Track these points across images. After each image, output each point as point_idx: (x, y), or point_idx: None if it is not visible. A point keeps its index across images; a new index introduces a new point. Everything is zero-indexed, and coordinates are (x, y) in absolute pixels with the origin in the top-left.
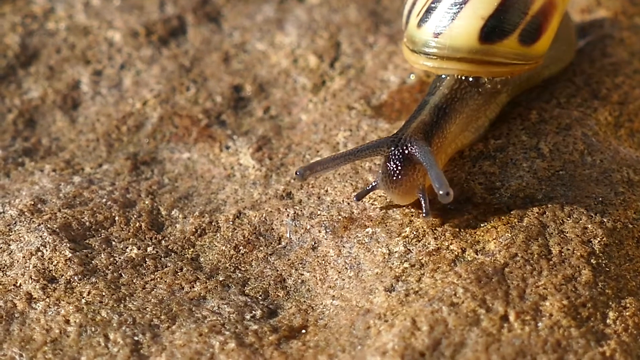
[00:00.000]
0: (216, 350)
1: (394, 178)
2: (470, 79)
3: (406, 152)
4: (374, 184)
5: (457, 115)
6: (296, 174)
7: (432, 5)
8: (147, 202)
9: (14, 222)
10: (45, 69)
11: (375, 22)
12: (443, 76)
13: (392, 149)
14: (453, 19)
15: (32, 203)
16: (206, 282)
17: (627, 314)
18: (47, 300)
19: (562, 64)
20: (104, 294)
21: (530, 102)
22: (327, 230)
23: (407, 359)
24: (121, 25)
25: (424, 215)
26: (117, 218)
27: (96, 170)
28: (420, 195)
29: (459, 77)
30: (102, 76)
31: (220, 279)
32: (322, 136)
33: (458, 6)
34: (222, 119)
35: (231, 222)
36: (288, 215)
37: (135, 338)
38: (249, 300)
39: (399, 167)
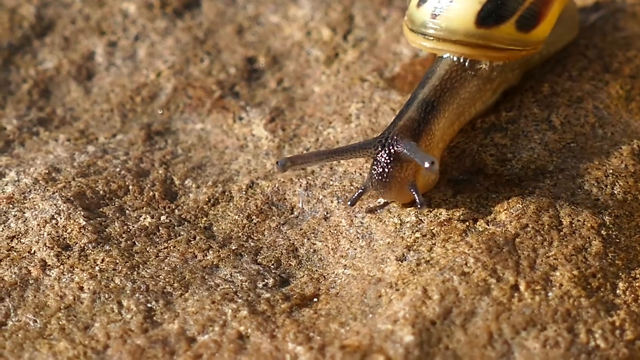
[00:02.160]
0: (229, 317)
1: (384, 180)
2: (467, 63)
3: (392, 152)
4: (364, 187)
5: (447, 108)
6: (277, 163)
7: None
8: (160, 172)
9: (28, 190)
10: (60, 40)
11: None
12: (435, 64)
13: (379, 149)
14: (451, 1)
15: (47, 172)
16: (219, 251)
17: (637, 284)
18: (61, 267)
19: (556, 47)
20: (117, 261)
21: (542, 75)
22: (339, 200)
23: (418, 327)
24: None
25: (418, 207)
26: (130, 187)
27: (110, 140)
28: (412, 189)
29: (452, 64)
30: (116, 47)
31: (233, 247)
32: (334, 108)
33: None
34: (235, 90)
35: (244, 192)
36: (300, 185)
37: (149, 305)
38: (262, 268)
39: (388, 169)
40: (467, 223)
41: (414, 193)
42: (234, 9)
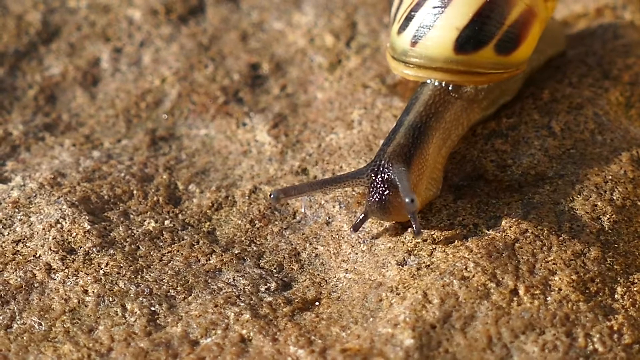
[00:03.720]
0: (231, 321)
1: (383, 207)
2: (450, 87)
3: (386, 178)
4: (364, 213)
5: (434, 133)
6: (270, 196)
7: (411, 13)
8: (164, 177)
9: (34, 194)
10: (66, 46)
11: (391, 3)
12: (419, 90)
13: (374, 177)
14: (429, 29)
15: (52, 177)
16: (222, 255)
17: (635, 289)
18: (66, 270)
19: (539, 62)
20: (121, 265)
21: (542, 81)
22: (341, 206)
23: (418, 331)
24: (141, 3)
25: (415, 233)
26: (135, 192)
27: (115, 145)
28: (410, 215)
29: (435, 89)
30: (121, 53)
31: (236, 252)
32: (337, 114)
33: (434, 16)
34: (239, 96)
35: (247, 197)
36: None
37: (152, 308)
38: (264, 273)
39: (385, 196)
40: (468, 228)
41: (412, 219)
42: (238, 15)
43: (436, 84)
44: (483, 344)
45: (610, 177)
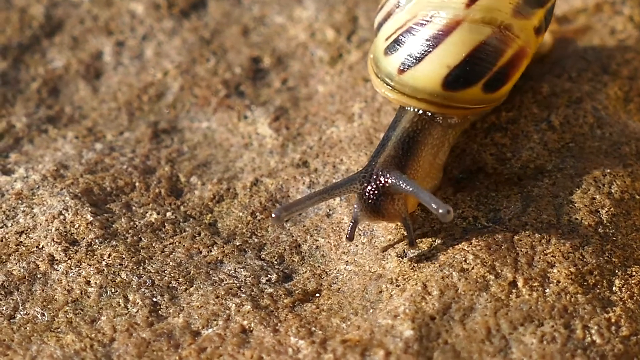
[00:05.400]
0: (232, 311)
1: (376, 212)
2: (429, 113)
3: (380, 184)
4: (354, 219)
5: (423, 148)
6: (272, 215)
7: (402, 37)
8: (166, 169)
9: (37, 186)
10: (69, 40)
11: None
12: (401, 111)
13: (365, 185)
14: (419, 61)
15: (55, 168)
16: (223, 247)
17: (633, 281)
18: (69, 262)
19: None
20: (123, 256)
21: (541, 75)
22: (342, 198)
23: (418, 322)
24: None
25: (408, 244)
26: (137, 184)
27: (117, 137)
28: (404, 224)
29: (416, 113)
30: (124, 47)
31: (237, 243)
32: (338, 107)
33: (426, 48)
34: (240, 89)
35: (248, 189)
36: (304, 183)
37: (154, 299)
38: (265, 264)
39: (378, 202)
40: (467, 220)
41: (405, 229)
42: (240, 9)
43: (417, 110)
44: (482, 336)
45: (608, 170)
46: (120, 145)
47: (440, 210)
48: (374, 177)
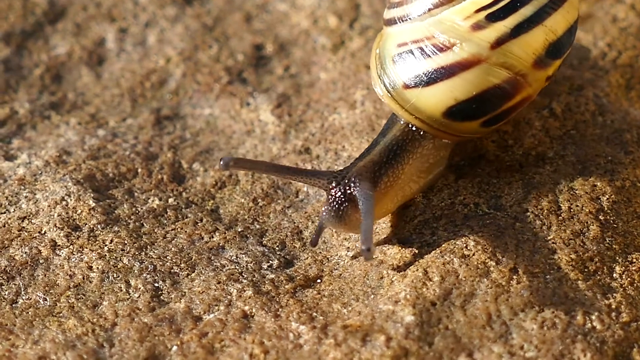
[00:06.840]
0: (234, 297)
1: (339, 218)
2: (421, 131)
3: (348, 192)
4: (320, 225)
5: (410, 156)
6: (221, 161)
7: (416, 53)
8: (169, 156)
9: (39, 172)
10: (72, 26)
11: None
12: (393, 119)
13: (334, 186)
14: (428, 84)
15: (58, 154)
16: (225, 233)
17: (634, 268)
18: (71, 247)
19: None
20: (125, 242)
21: None
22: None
23: (419, 308)
24: None
25: (362, 255)
26: (139, 170)
27: (120, 124)
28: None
29: (412, 126)
30: (127, 34)
31: (239, 229)
32: (340, 94)
33: (439, 75)
34: (243, 76)
35: (250, 176)
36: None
37: (156, 284)
38: (267, 250)
39: (343, 208)
40: (469, 207)
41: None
42: None
43: (412, 126)
44: (482, 321)
45: (610, 158)
46: (123, 131)
47: (363, 247)
48: (345, 180)
